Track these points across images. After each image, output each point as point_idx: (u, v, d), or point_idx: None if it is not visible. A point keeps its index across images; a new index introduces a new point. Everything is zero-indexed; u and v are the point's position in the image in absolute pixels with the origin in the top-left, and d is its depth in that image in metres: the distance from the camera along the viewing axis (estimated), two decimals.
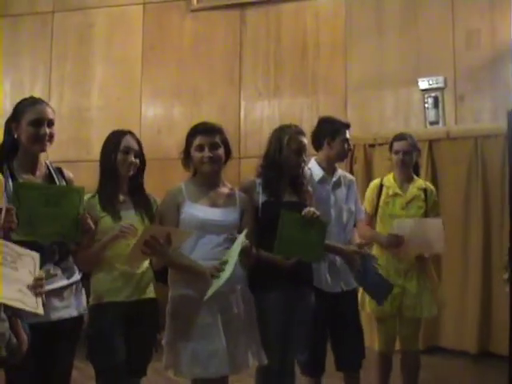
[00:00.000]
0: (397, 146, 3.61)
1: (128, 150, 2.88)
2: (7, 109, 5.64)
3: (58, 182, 2.70)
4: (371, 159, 5.44)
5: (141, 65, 6.02)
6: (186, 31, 5.97)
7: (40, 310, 2.19)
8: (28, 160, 2.61)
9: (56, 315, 2.60)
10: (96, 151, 2.91)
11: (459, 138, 5.22)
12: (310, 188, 3.21)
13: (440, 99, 5.40)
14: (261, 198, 3.06)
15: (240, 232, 2.84)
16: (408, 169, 3.67)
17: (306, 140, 3.11)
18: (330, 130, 3.35)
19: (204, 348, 2.80)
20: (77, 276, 2.76)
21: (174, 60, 5.94)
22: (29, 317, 2.29)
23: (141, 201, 2.97)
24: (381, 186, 3.73)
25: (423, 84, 5.41)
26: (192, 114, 5.72)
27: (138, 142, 2.95)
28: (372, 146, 5.42)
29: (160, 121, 5.80)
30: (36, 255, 2.28)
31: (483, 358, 4.98)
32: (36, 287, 2.19)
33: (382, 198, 3.71)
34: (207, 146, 2.86)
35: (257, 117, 5.71)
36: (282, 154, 3.04)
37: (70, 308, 2.68)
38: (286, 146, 3.05)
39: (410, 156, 3.62)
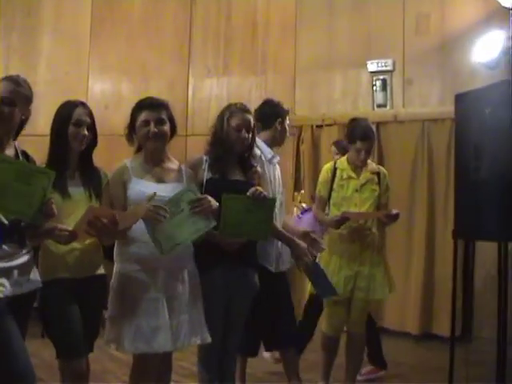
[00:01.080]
0: (360, 145, 3.67)
1: (80, 122, 2.87)
2: None
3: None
4: (318, 140, 5.66)
5: (89, 38, 6.15)
6: (135, 6, 6.14)
7: None
8: None
9: (19, 290, 2.62)
10: (42, 126, 2.96)
11: (406, 122, 5.48)
12: (259, 168, 3.30)
13: (388, 82, 5.63)
14: (206, 175, 3.14)
15: None
16: None
17: (252, 118, 3.21)
18: (282, 113, 3.54)
19: (148, 323, 2.87)
20: (31, 252, 2.78)
21: (123, 35, 6.09)
22: None
23: (90, 177, 2.98)
24: (334, 169, 3.81)
25: (372, 66, 5.64)
26: (140, 90, 5.80)
27: (91, 115, 2.94)
28: (319, 126, 5.65)
29: (107, 96, 5.94)
30: None
31: (425, 339, 5.20)
32: None
33: (336, 180, 3.79)
34: (153, 122, 2.91)
35: (205, 95, 5.90)
36: (223, 131, 3.15)
37: (30, 283, 2.70)
38: (226, 123, 3.16)
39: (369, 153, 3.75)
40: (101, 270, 3.01)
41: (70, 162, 2.91)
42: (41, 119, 5.57)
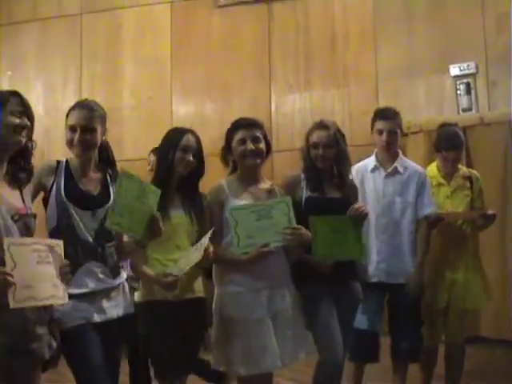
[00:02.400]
0: (446, 154, 3.78)
1: (187, 148, 3.03)
2: (40, 112, 6.28)
3: (111, 187, 2.86)
4: (405, 148, 5.82)
5: (170, 63, 6.59)
6: (213, 27, 6.54)
7: (66, 300, 2.42)
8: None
9: (103, 316, 2.77)
10: (128, 150, 3.20)
11: (493, 124, 5.64)
12: (355, 182, 3.46)
13: (472, 85, 5.83)
14: (304, 194, 3.28)
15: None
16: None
17: (330, 132, 3.27)
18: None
19: (255, 344, 2.99)
20: (123, 276, 2.93)
21: (203, 57, 6.49)
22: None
23: (192, 201, 3.10)
24: None
25: (454, 70, 5.88)
26: (223, 110, 6.28)
27: (198, 142, 3.09)
28: (405, 135, 5.80)
29: (191, 118, 6.28)
30: (60, 242, 2.46)
31: None
32: (63, 275, 2.40)
33: None
34: (249, 140, 3.09)
35: (288, 110, 6.22)
36: (304, 149, 3.34)
37: (118, 307, 2.84)
38: (306, 140, 3.34)
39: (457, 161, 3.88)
40: (200, 293, 3.11)
41: (172, 185, 3.06)
42: (127, 144, 6.08)
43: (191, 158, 3.03)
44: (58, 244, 2.45)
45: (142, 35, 6.72)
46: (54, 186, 2.77)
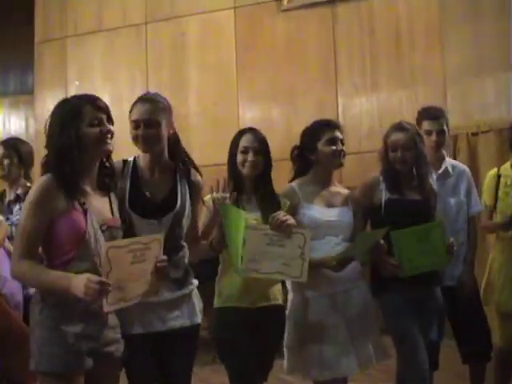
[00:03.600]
0: None
1: (247, 149, 3.13)
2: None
3: (179, 188, 2.87)
4: (475, 148, 6.04)
5: (235, 68, 6.90)
6: (278, 32, 6.82)
7: (157, 294, 2.63)
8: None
9: (167, 325, 2.83)
10: (197, 156, 3.16)
11: None
12: (434, 185, 3.52)
13: None
14: (384, 196, 3.37)
15: (354, 233, 3.21)
16: None
17: (409, 135, 3.35)
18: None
19: (331, 349, 3.08)
20: (190, 286, 2.96)
21: (268, 61, 6.78)
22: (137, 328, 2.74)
23: (267, 201, 3.17)
24: (498, 176, 3.93)
25: None
26: (289, 114, 6.57)
27: (261, 140, 3.19)
28: (475, 134, 6.04)
29: (258, 123, 6.32)
30: (159, 236, 2.53)
31: None
32: (159, 271, 2.51)
33: (501, 188, 3.88)
34: (338, 140, 3.24)
35: (355, 112, 6.45)
36: (382, 150, 3.43)
37: (182, 318, 2.89)
38: (384, 142, 3.42)
39: None
40: (277, 300, 3.21)
41: (245, 187, 3.18)
42: (194, 150, 6.39)
43: (253, 158, 3.12)
44: (157, 239, 2.53)
45: (207, 42, 7.05)
46: (119, 192, 2.80)
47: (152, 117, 2.77)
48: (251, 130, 3.25)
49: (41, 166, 2.59)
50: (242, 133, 3.23)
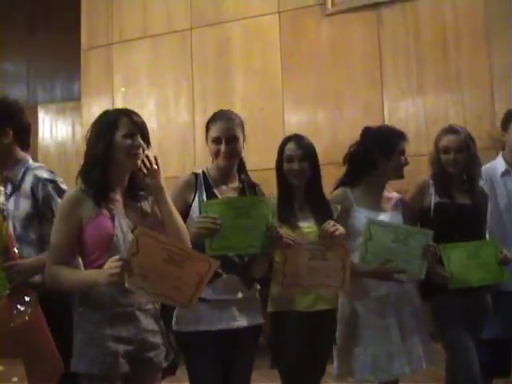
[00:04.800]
0: None
1: (291, 158, 3.27)
2: (153, 127, 7.07)
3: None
4: None
5: (280, 73, 7.18)
6: (323, 36, 7.07)
7: (185, 305, 2.59)
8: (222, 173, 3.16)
9: (236, 324, 3.03)
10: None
11: None
12: (484, 188, 3.64)
13: None
14: (433, 199, 3.50)
15: None
16: None
17: (461, 137, 3.49)
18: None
19: (384, 351, 3.21)
20: (256, 287, 3.18)
21: (313, 66, 7.03)
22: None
23: (319, 209, 3.30)
24: None
25: None
26: (335, 119, 6.80)
27: (305, 147, 3.30)
28: None
29: (303, 128, 6.60)
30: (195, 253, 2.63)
31: None
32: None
33: None
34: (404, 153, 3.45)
35: (401, 116, 6.63)
36: (432, 154, 3.59)
37: (249, 317, 3.09)
38: (435, 145, 3.59)
39: None
40: (332, 303, 3.31)
41: (296, 195, 3.30)
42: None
43: (297, 167, 3.25)
44: (207, 260, 2.58)
45: (251, 47, 7.35)
46: (196, 201, 3.05)
47: (232, 133, 3.09)
48: (296, 137, 3.38)
49: (78, 174, 2.77)
50: (286, 141, 3.37)
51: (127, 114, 2.77)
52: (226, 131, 3.08)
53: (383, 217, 3.37)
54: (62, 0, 9.22)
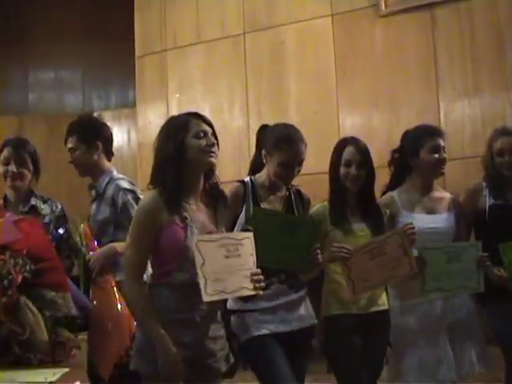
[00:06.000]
0: None
1: (349, 162, 3.39)
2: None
3: (295, 205, 3.31)
4: None
5: (335, 76, 7.42)
6: (376, 38, 7.29)
7: (257, 291, 2.70)
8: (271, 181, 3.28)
9: (290, 326, 3.16)
10: None
11: None
12: None
13: None
14: (488, 201, 3.60)
15: (456, 239, 3.43)
16: None
17: (510, 139, 3.57)
18: None
19: (431, 356, 3.29)
20: (304, 290, 3.30)
21: (367, 68, 7.27)
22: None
23: (371, 214, 3.44)
24: None
25: None
26: (391, 121, 6.99)
27: (363, 152, 3.43)
28: None
29: (358, 131, 6.77)
30: (249, 234, 2.77)
31: None
32: (256, 281, 2.69)
33: None
34: (442, 149, 3.51)
35: (458, 117, 6.80)
36: (492, 156, 3.63)
37: (302, 319, 3.21)
38: (489, 147, 3.66)
39: None
40: (384, 305, 3.44)
41: (349, 200, 3.44)
42: None
43: (355, 172, 3.38)
44: (247, 236, 2.76)
45: (305, 50, 7.61)
46: (243, 211, 3.20)
47: (303, 157, 3.25)
48: (354, 140, 3.50)
49: (149, 181, 2.91)
50: (344, 144, 3.49)
51: (196, 114, 2.93)
52: (298, 156, 3.22)
53: (434, 219, 3.47)
54: (115, 8, 9.72)
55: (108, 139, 4.07)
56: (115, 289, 3.57)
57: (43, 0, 10.39)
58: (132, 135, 9.98)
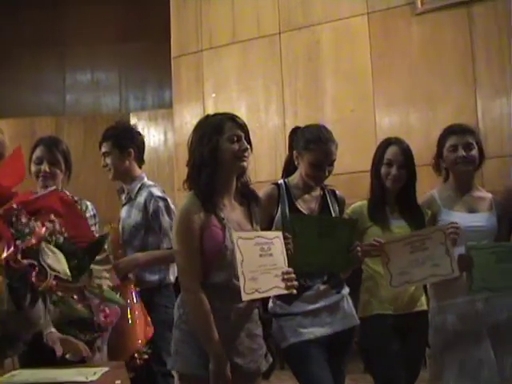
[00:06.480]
0: None
1: (391, 162, 3.43)
2: None
3: (330, 205, 3.34)
4: None
5: (371, 74, 7.53)
6: (413, 36, 7.38)
7: (291, 291, 2.72)
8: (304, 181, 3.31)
9: (332, 329, 3.17)
10: (335, 163, 3.38)
11: None
12: None
13: None
14: None
15: (498, 239, 3.37)
16: None
17: None
18: None
19: (472, 358, 3.26)
20: (345, 290, 3.33)
21: (404, 66, 7.35)
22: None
23: (410, 213, 3.46)
24: None
25: None
26: (428, 119, 7.07)
27: (406, 152, 3.46)
28: None
29: (395, 129, 6.92)
30: (279, 233, 2.82)
31: None
32: (288, 280, 2.72)
33: None
34: (461, 146, 3.45)
35: (496, 115, 6.85)
36: None
37: (344, 320, 3.23)
38: None
39: None
40: (423, 306, 3.46)
41: (388, 198, 3.49)
42: None
43: (396, 173, 3.42)
44: (277, 236, 2.81)
45: (341, 49, 7.73)
46: (279, 213, 3.23)
47: (333, 158, 3.26)
48: (397, 141, 3.53)
49: (185, 179, 2.97)
50: (387, 144, 3.52)
51: (231, 117, 2.95)
52: (329, 156, 3.24)
53: (474, 218, 3.45)
54: (151, 10, 9.95)
55: (140, 147, 4.25)
56: (133, 294, 3.78)
57: (80, 2, 10.66)
58: (168, 135, 10.18)
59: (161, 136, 10.39)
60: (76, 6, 10.72)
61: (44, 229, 1.82)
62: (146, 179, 4.17)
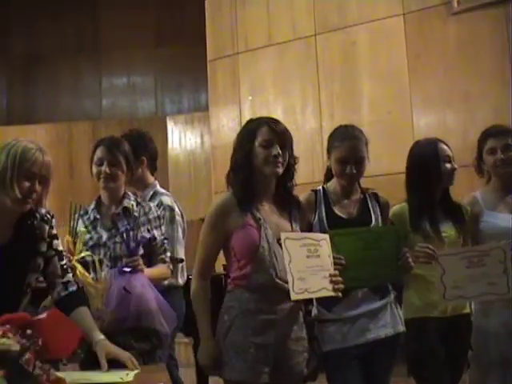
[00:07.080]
0: None
1: (445, 158, 3.45)
2: None
3: (371, 208, 3.31)
4: None
5: (408, 75, 7.64)
6: (449, 36, 7.47)
7: (337, 293, 2.77)
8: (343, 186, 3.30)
9: (371, 336, 3.14)
10: (371, 166, 3.44)
11: None
12: None
13: None
14: None
15: None
16: None
17: None
18: None
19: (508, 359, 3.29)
20: (390, 295, 3.29)
21: (441, 67, 7.45)
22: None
23: (453, 213, 3.48)
24: None
25: None
26: (465, 120, 7.15)
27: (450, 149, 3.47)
28: None
29: (433, 130, 6.87)
30: (326, 236, 2.88)
31: None
32: (335, 282, 2.80)
33: None
34: (499, 148, 3.48)
35: None
36: None
37: (386, 327, 3.19)
38: None
39: None
40: (465, 309, 3.47)
41: (435, 199, 3.50)
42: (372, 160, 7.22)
43: (448, 167, 3.45)
44: (324, 238, 2.88)
45: (377, 50, 7.85)
46: (316, 218, 3.23)
47: (361, 154, 3.28)
48: (440, 140, 3.59)
49: (225, 179, 3.06)
50: (432, 142, 3.57)
51: (267, 122, 3.00)
52: (354, 151, 3.25)
53: None
54: (186, 14, 10.19)
55: (153, 155, 4.44)
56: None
57: (116, 7, 10.94)
58: (205, 138, 10.41)
59: (197, 139, 10.63)
60: (112, 10, 10.99)
61: None
62: (158, 186, 4.35)
